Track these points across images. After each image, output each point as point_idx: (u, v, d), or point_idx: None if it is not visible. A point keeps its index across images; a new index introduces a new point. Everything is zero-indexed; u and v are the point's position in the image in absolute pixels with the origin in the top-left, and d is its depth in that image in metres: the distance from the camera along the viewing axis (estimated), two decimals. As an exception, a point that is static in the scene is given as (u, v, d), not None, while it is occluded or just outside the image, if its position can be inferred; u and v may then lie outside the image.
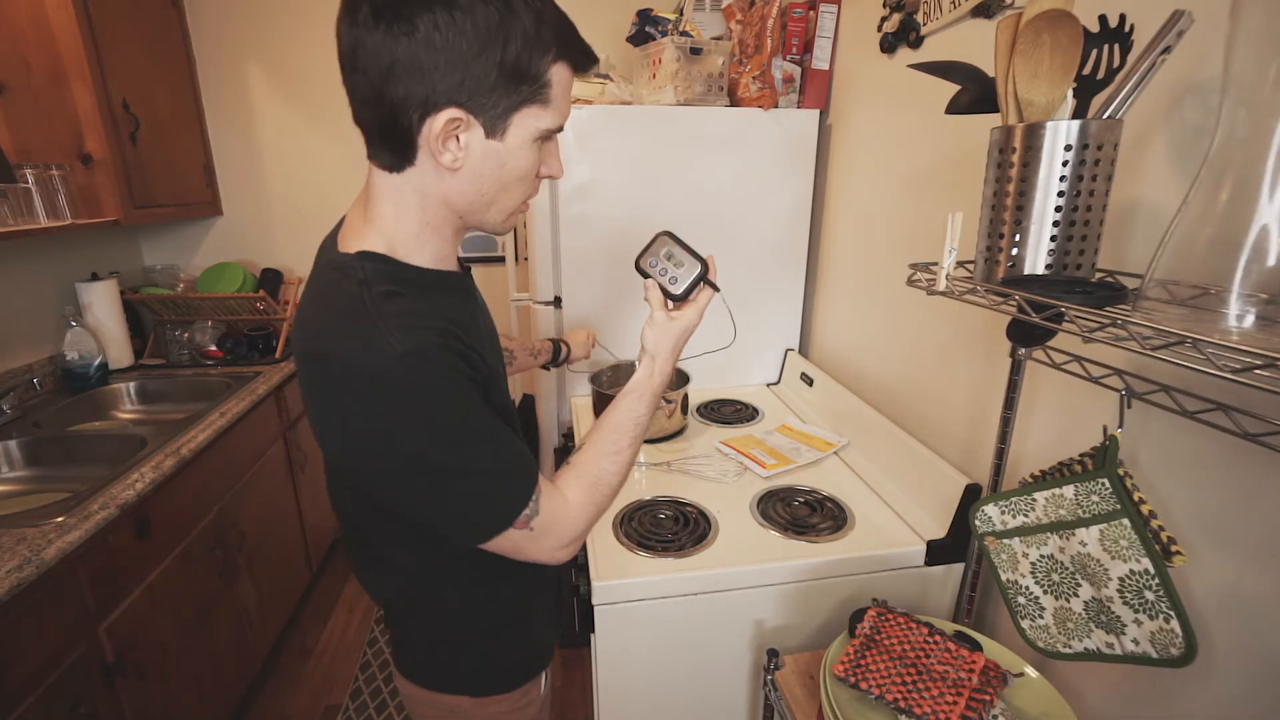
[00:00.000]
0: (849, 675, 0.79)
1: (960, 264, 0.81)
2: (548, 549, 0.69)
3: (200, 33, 2.20)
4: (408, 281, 0.64)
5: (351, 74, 0.58)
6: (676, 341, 0.78)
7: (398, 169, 0.62)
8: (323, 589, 2.37)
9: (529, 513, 0.66)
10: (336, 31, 0.58)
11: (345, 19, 0.57)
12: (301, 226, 2.43)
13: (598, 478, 0.73)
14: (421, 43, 0.54)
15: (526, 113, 0.61)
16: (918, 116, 1.25)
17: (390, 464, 0.61)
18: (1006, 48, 0.68)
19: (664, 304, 0.78)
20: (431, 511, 0.65)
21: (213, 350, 2.11)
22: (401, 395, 0.58)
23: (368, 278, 0.62)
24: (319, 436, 0.66)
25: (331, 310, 0.62)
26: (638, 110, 1.53)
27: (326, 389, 0.61)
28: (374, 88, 0.57)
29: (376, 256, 0.64)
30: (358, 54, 0.56)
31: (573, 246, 1.59)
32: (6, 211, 1.52)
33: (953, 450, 1.18)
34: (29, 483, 1.50)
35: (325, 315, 0.63)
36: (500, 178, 0.63)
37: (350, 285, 0.61)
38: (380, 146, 0.62)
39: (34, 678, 1.05)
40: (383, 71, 0.56)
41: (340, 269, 0.63)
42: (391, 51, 0.55)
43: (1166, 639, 0.67)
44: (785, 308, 1.76)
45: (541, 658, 0.89)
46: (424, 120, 0.58)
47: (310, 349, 0.63)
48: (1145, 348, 0.55)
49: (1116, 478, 0.70)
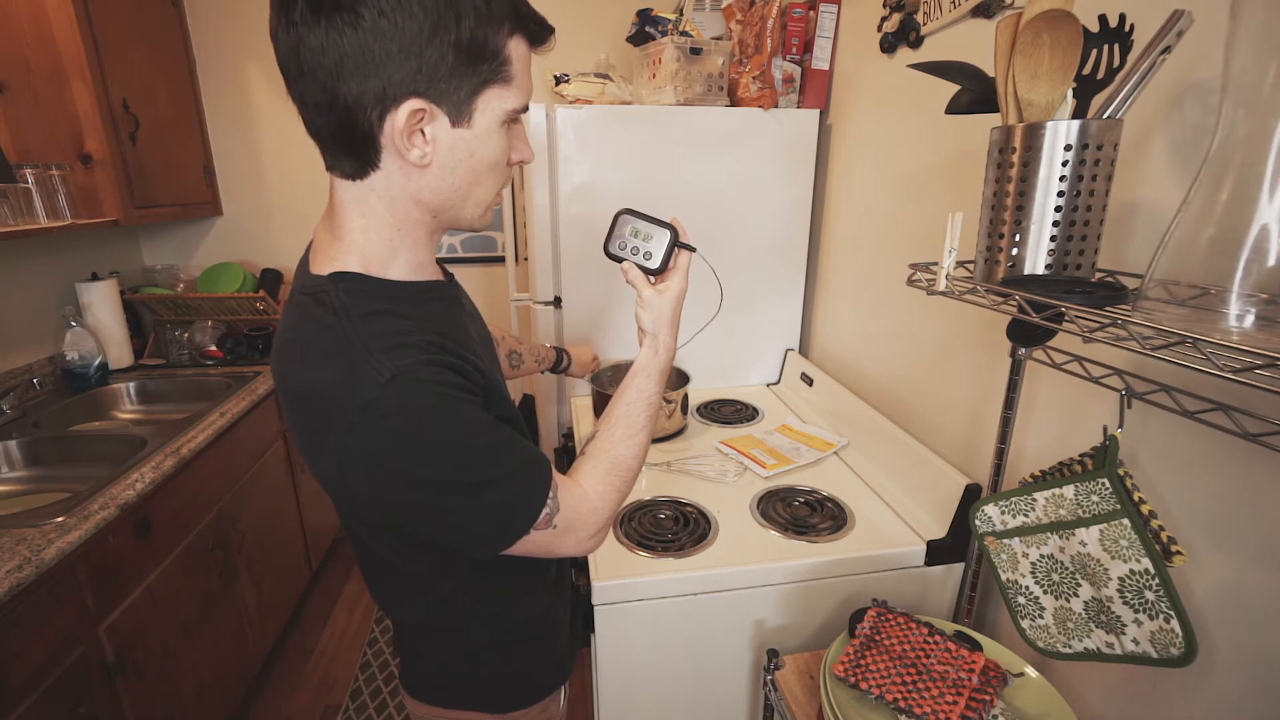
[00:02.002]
0: (849, 675, 0.79)
1: (960, 264, 0.81)
2: (575, 542, 0.67)
3: (200, 33, 2.20)
4: (387, 298, 0.61)
5: (298, 79, 0.53)
6: (673, 313, 0.76)
7: (361, 175, 0.58)
8: (323, 589, 2.37)
9: (549, 511, 0.63)
10: (272, 36, 0.53)
11: (280, 19, 0.52)
12: (301, 226, 2.43)
13: (615, 463, 0.71)
14: (369, 32, 0.50)
15: (490, 94, 0.57)
16: (918, 116, 1.25)
17: (395, 494, 0.58)
18: (1006, 48, 0.68)
19: (647, 281, 0.76)
20: (447, 531, 0.62)
21: (213, 350, 2.11)
22: (396, 422, 0.55)
23: (344, 302, 0.58)
24: (317, 476, 0.62)
25: (310, 343, 0.59)
26: (638, 110, 1.53)
27: (315, 427, 0.57)
28: (325, 90, 0.53)
29: (351, 276, 0.60)
30: (301, 55, 0.52)
31: (573, 246, 1.59)
32: (6, 211, 1.52)
33: (953, 450, 1.18)
34: (29, 483, 1.50)
35: (304, 349, 0.59)
36: (472, 168, 0.60)
37: (326, 314, 0.58)
38: (340, 154, 0.57)
39: (34, 678, 1.05)
40: (331, 70, 0.51)
41: (314, 294, 0.60)
42: (338, 46, 0.50)
43: (1166, 639, 0.67)
44: (785, 308, 1.76)
45: (563, 671, 0.87)
46: (384, 117, 0.54)
47: (292, 386, 0.59)
48: (1145, 348, 0.55)
49: (1116, 478, 0.70)
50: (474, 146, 0.59)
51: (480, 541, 0.63)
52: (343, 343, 0.56)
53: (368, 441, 0.55)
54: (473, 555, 0.65)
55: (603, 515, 0.69)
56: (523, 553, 0.64)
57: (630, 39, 1.73)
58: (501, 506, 0.61)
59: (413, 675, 0.82)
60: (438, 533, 0.63)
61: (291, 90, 0.55)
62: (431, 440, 0.56)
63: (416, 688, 0.81)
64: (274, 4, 0.52)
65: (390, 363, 0.55)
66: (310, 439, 0.59)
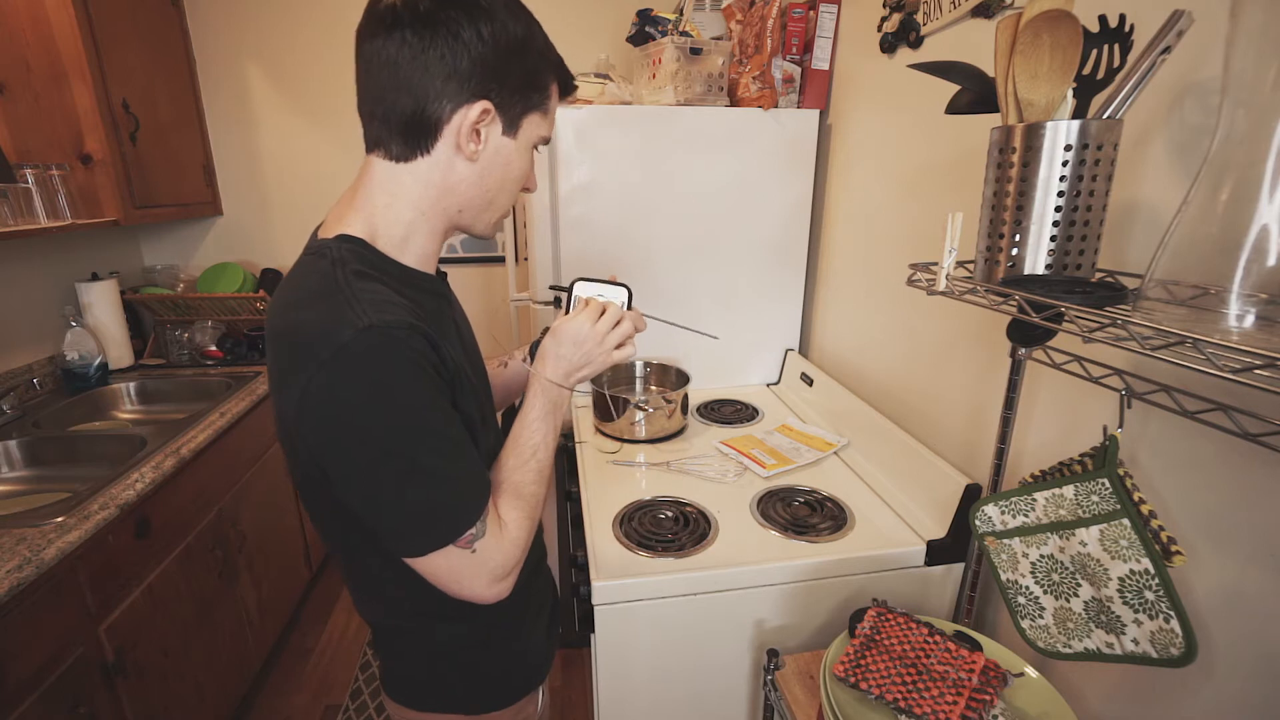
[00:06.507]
0: (849, 675, 0.79)
1: (960, 264, 0.81)
2: (485, 580, 0.65)
3: (200, 33, 2.20)
4: (383, 270, 0.64)
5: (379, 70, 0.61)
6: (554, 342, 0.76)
7: (407, 158, 0.64)
8: (322, 589, 2.37)
9: (474, 532, 0.63)
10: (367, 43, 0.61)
11: (382, 35, 0.60)
12: (301, 226, 2.42)
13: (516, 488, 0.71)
14: (466, 45, 0.60)
15: (533, 118, 0.67)
16: (918, 116, 1.25)
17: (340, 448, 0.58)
18: (1006, 48, 0.68)
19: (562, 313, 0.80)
20: (377, 511, 0.61)
21: (213, 350, 2.11)
22: (363, 366, 0.56)
23: (342, 257, 0.62)
24: (278, 419, 0.63)
25: (303, 288, 0.62)
26: (638, 110, 1.53)
27: (288, 365, 0.59)
28: (406, 79, 0.60)
29: (354, 240, 0.64)
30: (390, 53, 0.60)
31: (573, 247, 1.59)
32: (6, 211, 1.52)
33: (953, 450, 1.18)
34: (29, 483, 1.50)
35: (297, 293, 0.62)
36: (504, 176, 0.68)
37: (324, 264, 0.62)
38: (394, 136, 0.63)
39: (34, 678, 1.05)
40: (421, 67, 0.60)
41: (316, 251, 0.64)
42: (434, 49, 0.59)
43: (1166, 639, 0.67)
44: (785, 308, 1.76)
45: (538, 671, 0.87)
46: (456, 110, 0.62)
47: (279, 325, 0.62)
48: (1145, 348, 0.55)
49: (1116, 478, 0.70)
50: (510, 158, 0.68)
51: (403, 533, 0.62)
52: (331, 288, 0.59)
53: (333, 382, 0.56)
54: (394, 550, 0.63)
55: (504, 562, 0.66)
56: (431, 571, 0.63)
57: (630, 39, 1.73)
58: (435, 505, 0.61)
59: (388, 676, 0.82)
60: (368, 510, 0.62)
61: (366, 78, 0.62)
62: (390, 401, 0.58)
63: (392, 689, 0.82)
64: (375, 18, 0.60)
65: (372, 314, 0.57)
66: (281, 378, 0.60)
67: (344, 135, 2.35)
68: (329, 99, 2.32)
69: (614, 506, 1.20)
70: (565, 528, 1.22)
